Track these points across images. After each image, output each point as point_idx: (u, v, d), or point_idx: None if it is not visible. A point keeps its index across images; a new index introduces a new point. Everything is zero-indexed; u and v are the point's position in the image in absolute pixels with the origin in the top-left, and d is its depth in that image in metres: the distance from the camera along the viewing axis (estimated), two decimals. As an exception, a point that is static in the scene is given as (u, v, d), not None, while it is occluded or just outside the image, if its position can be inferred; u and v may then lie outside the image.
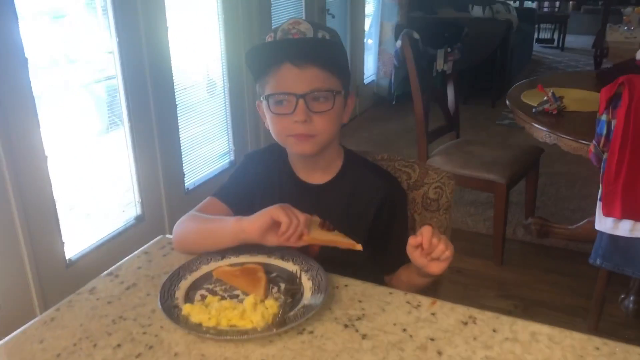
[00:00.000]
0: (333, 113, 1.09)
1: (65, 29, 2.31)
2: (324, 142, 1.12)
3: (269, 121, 1.14)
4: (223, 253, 1.11)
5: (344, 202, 1.18)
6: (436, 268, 1.01)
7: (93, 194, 2.46)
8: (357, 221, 1.17)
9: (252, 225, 1.04)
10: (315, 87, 1.06)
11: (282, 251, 1.11)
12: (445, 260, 1.00)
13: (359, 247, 1.03)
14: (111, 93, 2.51)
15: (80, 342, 0.91)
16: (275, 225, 1.02)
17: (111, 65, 2.46)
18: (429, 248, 0.98)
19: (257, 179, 1.22)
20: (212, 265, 1.08)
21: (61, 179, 2.25)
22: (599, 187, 1.91)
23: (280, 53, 1.07)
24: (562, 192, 3.38)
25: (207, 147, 3.17)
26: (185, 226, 1.16)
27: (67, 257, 2.29)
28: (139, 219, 2.64)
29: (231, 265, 1.09)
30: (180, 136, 2.88)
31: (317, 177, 1.19)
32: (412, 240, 0.99)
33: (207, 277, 1.06)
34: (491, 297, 2.44)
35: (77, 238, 2.36)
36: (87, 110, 2.44)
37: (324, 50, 1.08)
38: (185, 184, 2.97)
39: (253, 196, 1.20)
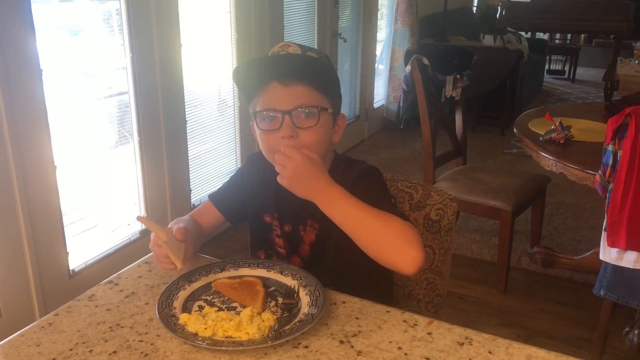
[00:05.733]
0: (320, 129, 1.10)
1: (80, 44, 2.36)
2: None
3: (258, 138, 1.16)
4: (222, 265, 1.12)
5: None
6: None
7: (100, 206, 2.48)
8: None
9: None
10: (301, 103, 1.08)
11: (282, 265, 1.12)
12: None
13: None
14: (122, 108, 2.55)
15: (76, 347, 0.92)
16: None
17: (124, 80, 2.50)
18: None
19: (251, 180, 1.27)
20: (211, 277, 1.09)
21: (69, 190, 2.27)
22: (605, 218, 1.90)
23: (267, 72, 1.10)
24: (569, 222, 3.36)
25: (215, 164, 3.19)
26: None
27: (71, 267, 2.30)
28: (144, 233, 2.66)
29: (230, 277, 1.09)
30: (188, 153, 2.91)
31: None
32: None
33: (206, 288, 1.07)
34: (493, 325, 2.41)
35: (82, 249, 2.38)
36: (98, 123, 2.47)
37: (310, 67, 1.10)
38: (192, 200, 2.99)
39: (244, 198, 1.27)
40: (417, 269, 0.97)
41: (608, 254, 1.91)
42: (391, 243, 0.98)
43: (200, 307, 1.01)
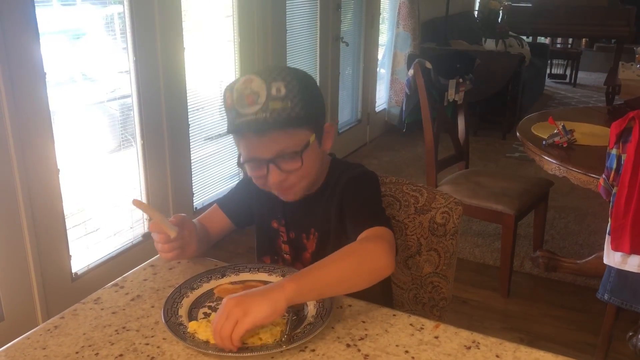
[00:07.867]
0: (306, 166, 1.09)
1: (84, 48, 2.36)
2: (306, 186, 1.15)
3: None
4: (223, 271, 1.12)
5: (323, 204, 1.20)
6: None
7: (102, 210, 2.47)
8: (328, 218, 1.19)
9: None
10: (280, 150, 1.06)
11: (283, 269, 1.13)
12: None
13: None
14: (125, 111, 2.55)
15: (82, 350, 0.92)
16: None
17: (127, 84, 2.50)
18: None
19: (258, 187, 1.25)
20: (213, 283, 1.09)
21: (72, 193, 2.27)
22: (608, 222, 1.90)
23: (239, 127, 1.06)
24: (571, 226, 3.35)
25: (217, 167, 3.19)
26: None
27: (74, 270, 2.30)
28: (146, 236, 2.65)
29: (232, 283, 1.09)
30: (191, 156, 2.91)
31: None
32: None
33: (209, 294, 1.07)
34: (496, 329, 2.41)
35: (84, 252, 2.37)
36: (101, 127, 2.48)
37: (280, 114, 1.03)
38: (194, 204, 2.99)
39: (251, 202, 1.28)
40: (393, 269, 1.01)
41: (612, 258, 1.91)
42: (363, 274, 1.00)
43: (206, 314, 1.01)
